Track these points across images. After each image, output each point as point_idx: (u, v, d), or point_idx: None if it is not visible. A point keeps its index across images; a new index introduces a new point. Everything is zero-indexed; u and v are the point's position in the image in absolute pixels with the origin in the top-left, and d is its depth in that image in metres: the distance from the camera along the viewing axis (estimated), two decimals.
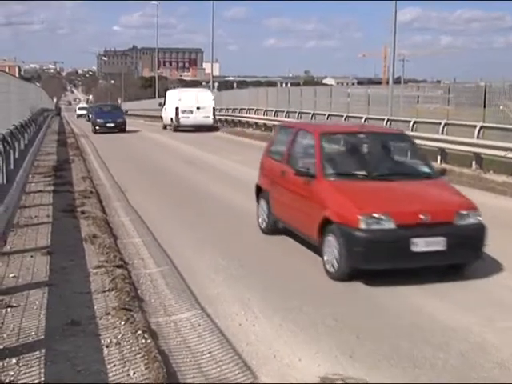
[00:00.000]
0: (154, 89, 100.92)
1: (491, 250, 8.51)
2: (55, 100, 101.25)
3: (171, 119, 39.78)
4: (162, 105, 43.79)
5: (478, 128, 18.76)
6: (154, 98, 75.10)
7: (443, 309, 7.02)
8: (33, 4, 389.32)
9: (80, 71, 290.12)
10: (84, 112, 78.17)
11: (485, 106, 19.52)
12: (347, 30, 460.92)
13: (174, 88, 59.52)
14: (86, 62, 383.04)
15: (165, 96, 43.48)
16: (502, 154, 17.18)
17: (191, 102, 38.51)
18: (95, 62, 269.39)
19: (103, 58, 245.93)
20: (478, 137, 18.72)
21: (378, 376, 5.32)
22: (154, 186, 16.64)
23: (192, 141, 31.65)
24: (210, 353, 5.68)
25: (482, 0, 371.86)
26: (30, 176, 16.04)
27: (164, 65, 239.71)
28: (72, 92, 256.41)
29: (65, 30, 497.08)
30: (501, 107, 19.26)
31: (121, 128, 39.68)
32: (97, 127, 40.03)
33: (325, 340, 6.04)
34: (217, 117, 41.02)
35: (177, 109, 38.89)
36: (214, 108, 39.87)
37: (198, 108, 38.20)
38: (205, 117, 38.71)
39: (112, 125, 39.60)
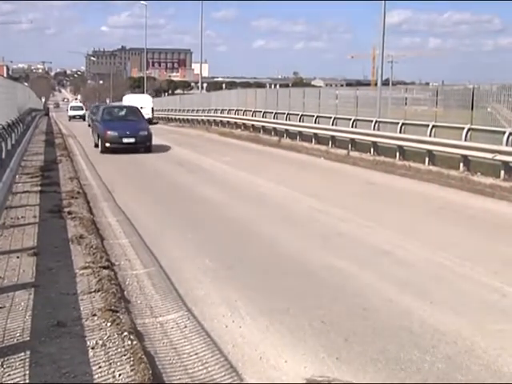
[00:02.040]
0: (142, 89, 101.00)
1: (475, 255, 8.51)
2: (43, 100, 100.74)
3: None
4: None
5: (465, 130, 18.82)
6: None
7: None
8: (20, 3, 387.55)
9: (68, 71, 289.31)
10: (79, 113, 68.67)
11: (473, 109, 19.58)
12: (336, 32, 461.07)
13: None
14: (74, 62, 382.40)
15: (121, 100, 58.31)
16: (490, 156, 17.23)
17: (136, 103, 45.88)
18: (84, 62, 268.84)
19: (92, 58, 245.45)
20: (465, 139, 18.78)
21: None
22: (142, 185, 16.63)
23: (185, 144, 31.67)
24: (196, 354, 5.66)
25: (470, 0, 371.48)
26: (17, 176, 15.97)
27: (153, 65, 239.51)
28: (60, 92, 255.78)
29: (53, 30, 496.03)
30: (488, 109, 19.34)
31: (145, 145, 26.45)
32: (107, 144, 25.84)
33: (312, 342, 6.03)
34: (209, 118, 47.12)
35: None
36: (152, 108, 54.32)
37: (141, 107, 44.09)
38: (146, 114, 46.22)
39: (132, 140, 25.99)
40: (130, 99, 53.75)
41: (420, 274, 8.43)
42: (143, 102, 51.82)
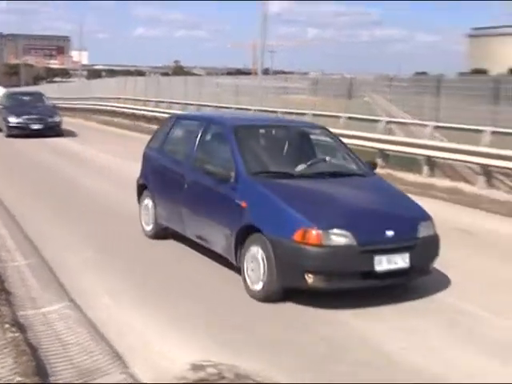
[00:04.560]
0: (19, 76, 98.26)
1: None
2: None
3: None
4: None
5: (343, 118, 19.33)
6: (19, 86, 73.84)
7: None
8: None
9: None
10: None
11: (350, 98, 20.14)
12: (218, 22, 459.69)
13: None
14: None
15: None
16: (369, 144, 17.74)
17: None
18: None
19: None
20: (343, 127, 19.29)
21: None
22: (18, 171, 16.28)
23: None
24: (80, 344, 5.64)
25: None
26: None
27: (29, 52, 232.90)
28: None
29: None
30: (365, 99, 19.95)
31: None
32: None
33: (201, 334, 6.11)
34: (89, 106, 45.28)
35: None
36: None
37: None
38: None
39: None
40: None
41: None
42: None
